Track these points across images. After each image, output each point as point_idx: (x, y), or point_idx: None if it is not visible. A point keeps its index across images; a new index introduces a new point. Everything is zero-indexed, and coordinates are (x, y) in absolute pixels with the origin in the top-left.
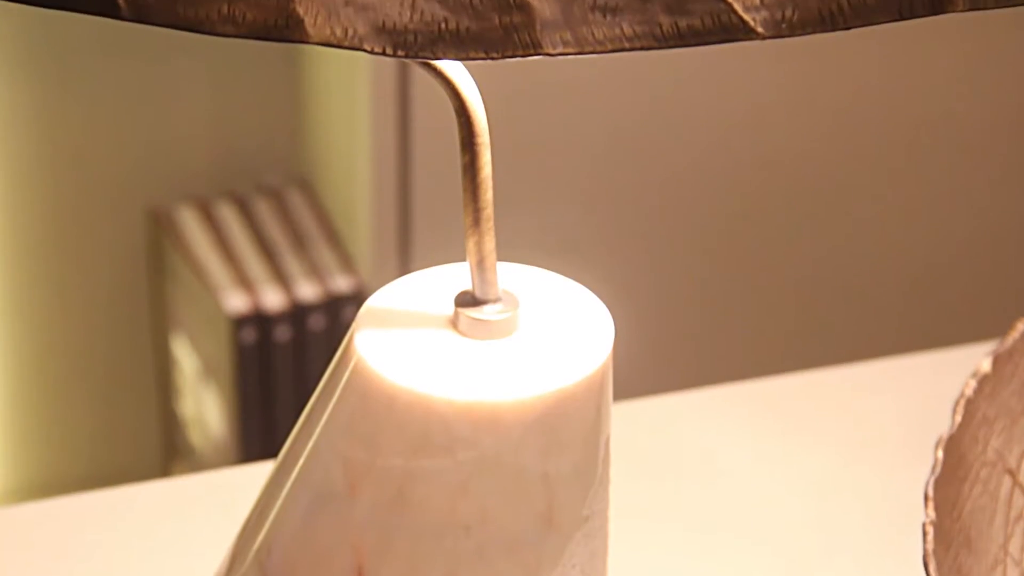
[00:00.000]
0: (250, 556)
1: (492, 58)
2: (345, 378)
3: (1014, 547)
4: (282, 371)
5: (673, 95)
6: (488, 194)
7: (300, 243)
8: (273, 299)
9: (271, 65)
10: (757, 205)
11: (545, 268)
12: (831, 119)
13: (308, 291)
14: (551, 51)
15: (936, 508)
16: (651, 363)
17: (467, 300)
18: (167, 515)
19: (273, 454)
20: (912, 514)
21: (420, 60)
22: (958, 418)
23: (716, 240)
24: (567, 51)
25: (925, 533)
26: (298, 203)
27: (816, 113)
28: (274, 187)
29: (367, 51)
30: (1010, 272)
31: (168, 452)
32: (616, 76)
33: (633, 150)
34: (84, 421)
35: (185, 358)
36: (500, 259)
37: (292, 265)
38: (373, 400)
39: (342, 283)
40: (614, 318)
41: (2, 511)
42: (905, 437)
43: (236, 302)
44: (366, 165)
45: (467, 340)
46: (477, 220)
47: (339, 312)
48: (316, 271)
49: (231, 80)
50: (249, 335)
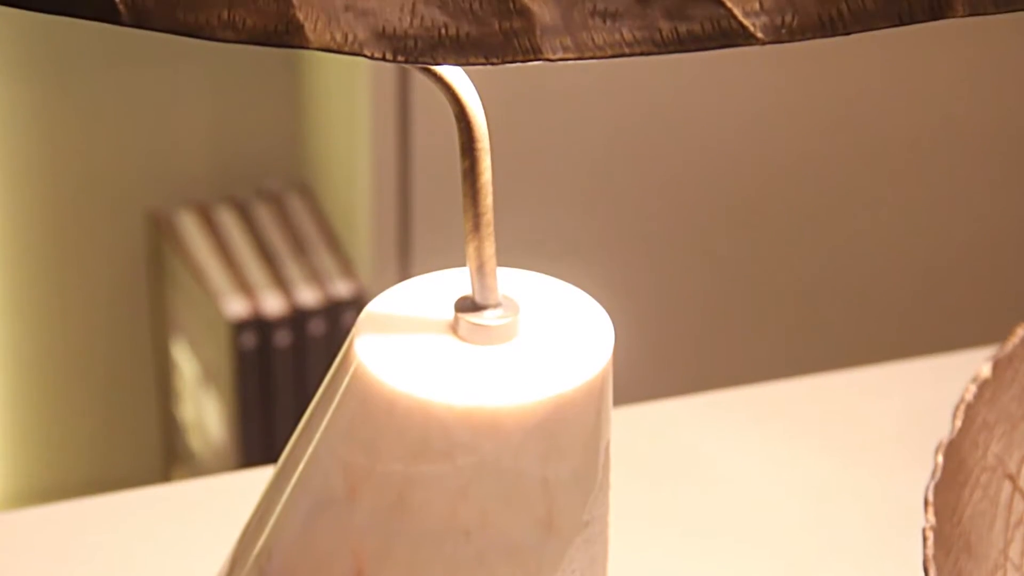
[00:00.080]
0: (250, 561)
1: (492, 63)
2: (345, 383)
3: (1014, 552)
4: (282, 376)
5: (673, 100)
6: (488, 199)
7: (300, 248)
8: (273, 304)
9: (271, 70)
10: (757, 209)
11: (545, 273)
12: (831, 124)
13: (308, 296)
14: (551, 56)
15: (936, 513)
16: (651, 368)
17: (467, 305)
18: (167, 520)
19: (273, 459)
20: (912, 519)
21: (420, 65)
22: (958, 423)
23: (716, 245)
24: (567, 56)
25: (925, 538)
26: (298, 208)
27: (816, 117)
28: (274, 192)
29: (367, 56)
30: (1010, 277)
31: (168, 457)
32: (616, 81)
33: (633, 155)
34: (84, 426)
35: (185, 363)
36: (500, 264)
37: (292, 270)
38: (373, 405)
39: (342, 288)
40: (614, 323)
41: (3, 516)
42: (905, 442)
43: (236, 307)
44: (366, 170)
45: (467, 345)
46: (477, 225)
47: (339, 317)
48: (316, 276)
49: (231, 85)
50: (249, 340)
